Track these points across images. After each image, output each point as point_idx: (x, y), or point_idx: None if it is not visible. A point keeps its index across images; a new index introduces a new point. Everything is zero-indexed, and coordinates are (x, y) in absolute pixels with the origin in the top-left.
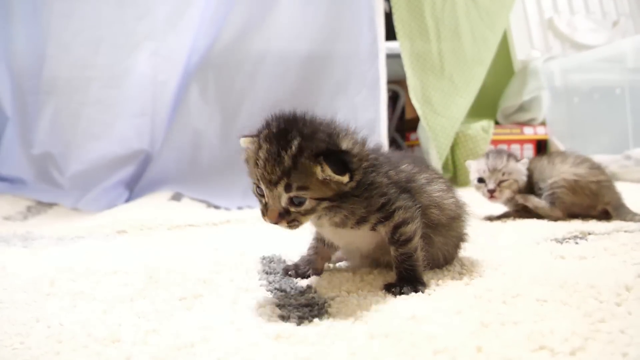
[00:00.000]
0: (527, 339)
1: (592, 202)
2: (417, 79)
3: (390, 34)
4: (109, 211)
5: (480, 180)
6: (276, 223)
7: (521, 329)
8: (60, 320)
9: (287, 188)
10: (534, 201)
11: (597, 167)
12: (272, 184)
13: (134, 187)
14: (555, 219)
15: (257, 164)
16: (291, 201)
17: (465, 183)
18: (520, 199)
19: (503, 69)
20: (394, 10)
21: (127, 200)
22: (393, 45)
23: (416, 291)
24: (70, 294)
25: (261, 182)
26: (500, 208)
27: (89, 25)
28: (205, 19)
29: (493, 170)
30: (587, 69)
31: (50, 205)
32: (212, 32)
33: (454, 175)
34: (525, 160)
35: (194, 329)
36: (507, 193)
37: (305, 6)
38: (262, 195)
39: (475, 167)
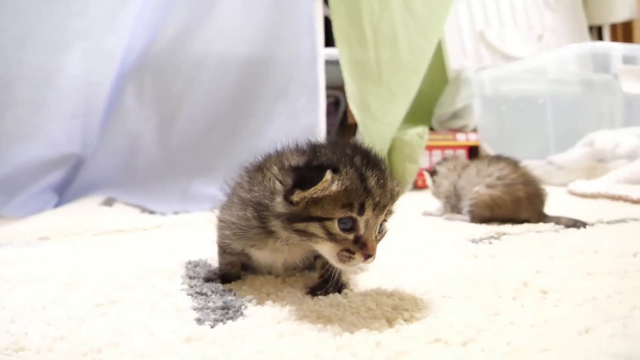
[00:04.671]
0: (425, 333)
1: (511, 215)
2: (355, 85)
3: (332, 40)
4: (33, 217)
5: None
6: (371, 256)
7: (422, 324)
8: None
9: (388, 213)
10: (456, 219)
11: (516, 182)
12: (381, 209)
13: (64, 192)
14: None
15: (363, 193)
16: (380, 227)
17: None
18: (445, 220)
19: (438, 78)
20: (332, 18)
21: (56, 205)
22: (334, 51)
23: (339, 292)
24: None
25: (367, 212)
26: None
27: (16, 21)
28: (143, 19)
29: None
30: (515, 79)
31: None
32: (150, 32)
33: None
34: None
35: (104, 335)
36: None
37: (245, 10)
38: (349, 230)
39: None
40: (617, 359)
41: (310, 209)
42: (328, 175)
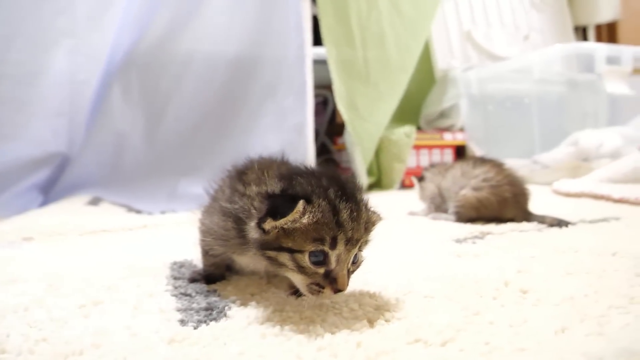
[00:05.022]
0: (406, 333)
1: (496, 215)
2: (343, 85)
3: (321, 40)
4: (18, 217)
5: None
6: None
7: (403, 324)
8: None
9: (362, 245)
10: (441, 218)
11: (502, 184)
12: (353, 243)
13: (50, 191)
14: None
15: (335, 228)
16: (354, 258)
17: (388, 186)
18: (431, 219)
19: (425, 77)
20: (321, 17)
21: (42, 205)
22: (323, 50)
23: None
24: None
25: (339, 246)
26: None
27: (0, 19)
28: (130, 17)
29: None
30: (501, 79)
31: None
32: (137, 30)
33: (378, 179)
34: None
35: (86, 336)
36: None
37: (233, 8)
38: (320, 264)
39: None
40: (589, 358)
41: (282, 239)
42: (300, 206)
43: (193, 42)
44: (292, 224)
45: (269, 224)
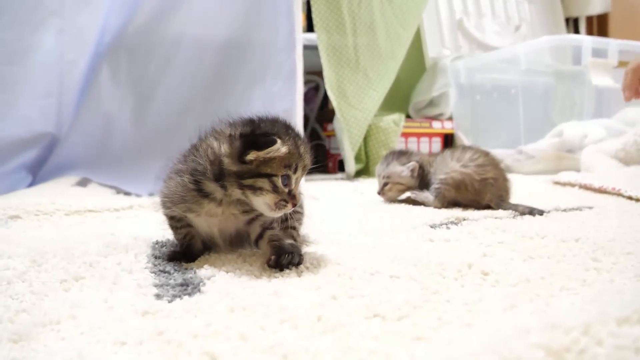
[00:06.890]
0: (366, 308)
1: (475, 197)
2: (333, 71)
3: (313, 26)
4: (5, 196)
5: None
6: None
7: (364, 301)
8: None
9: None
10: (421, 197)
11: (486, 164)
12: (306, 170)
13: (38, 172)
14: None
15: (298, 157)
16: None
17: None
18: (412, 196)
19: (415, 65)
20: (312, 3)
21: (30, 185)
22: (314, 36)
23: (299, 264)
24: None
25: (299, 171)
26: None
27: None
28: None
29: (378, 176)
30: (489, 69)
31: None
32: (126, 11)
33: (366, 166)
34: (411, 164)
35: (64, 308)
36: (391, 194)
37: None
38: (285, 185)
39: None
40: (517, 330)
41: (261, 167)
42: (279, 140)
43: (182, 24)
44: (274, 153)
45: (252, 155)
